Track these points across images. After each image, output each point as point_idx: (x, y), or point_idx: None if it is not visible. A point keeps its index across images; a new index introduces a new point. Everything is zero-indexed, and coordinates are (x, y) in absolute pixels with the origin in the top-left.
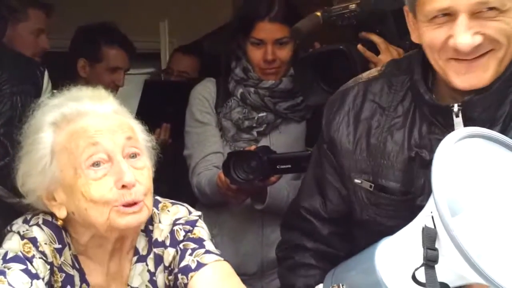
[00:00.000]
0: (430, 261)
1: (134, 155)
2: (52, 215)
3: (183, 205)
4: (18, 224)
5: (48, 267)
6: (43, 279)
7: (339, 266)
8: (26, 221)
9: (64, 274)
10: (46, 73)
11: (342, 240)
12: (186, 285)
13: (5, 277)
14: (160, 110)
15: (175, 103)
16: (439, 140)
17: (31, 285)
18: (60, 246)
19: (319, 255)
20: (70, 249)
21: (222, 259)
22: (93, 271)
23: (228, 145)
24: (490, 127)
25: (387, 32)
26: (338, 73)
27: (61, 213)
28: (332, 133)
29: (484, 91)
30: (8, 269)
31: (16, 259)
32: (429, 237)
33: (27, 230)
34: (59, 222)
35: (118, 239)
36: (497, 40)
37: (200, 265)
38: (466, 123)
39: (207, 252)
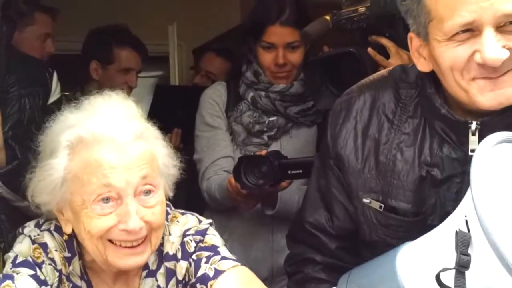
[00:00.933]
0: (461, 267)
1: (148, 192)
2: None
3: (193, 215)
4: (30, 228)
5: (57, 274)
6: (51, 286)
7: (355, 270)
8: (38, 225)
9: (71, 284)
10: (55, 75)
11: (352, 253)
12: None
13: (13, 282)
14: (171, 115)
15: (186, 108)
16: (450, 158)
17: None
18: (69, 255)
19: (328, 269)
20: (80, 259)
21: (240, 264)
22: (99, 285)
23: (238, 149)
24: None
25: (396, 36)
26: (347, 76)
27: (67, 229)
28: (339, 149)
29: (504, 112)
30: (17, 273)
31: (25, 263)
32: (463, 242)
33: (38, 235)
34: (64, 237)
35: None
36: None
37: (218, 273)
38: (467, 150)
39: (223, 258)
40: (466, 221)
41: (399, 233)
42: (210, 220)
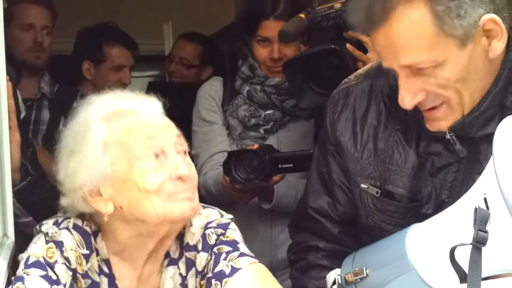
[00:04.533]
0: (478, 243)
1: (184, 152)
2: (83, 220)
3: (214, 209)
4: (47, 225)
5: (71, 273)
6: (64, 285)
7: (360, 251)
8: (56, 223)
9: (89, 281)
10: (18, 92)
11: (354, 239)
12: None
13: (23, 283)
14: (165, 112)
15: (179, 105)
16: (448, 150)
17: None
18: (87, 252)
19: (332, 255)
20: (98, 255)
21: (257, 261)
22: (124, 275)
23: (235, 143)
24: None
25: None
26: (327, 73)
27: (108, 208)
28: (338, 136)
29: (474, 111)
30: (27, 275)
31: (37, 264)
32: (482, 219)
33: (56, 232)
34: (106, 218)
35: (161, 239)
36: (442, 94)
37: (234, 270)
38: (463, 141)
39: (242, 255)
40: (485, 199)
41: (394, 219)
42: (231, 216)
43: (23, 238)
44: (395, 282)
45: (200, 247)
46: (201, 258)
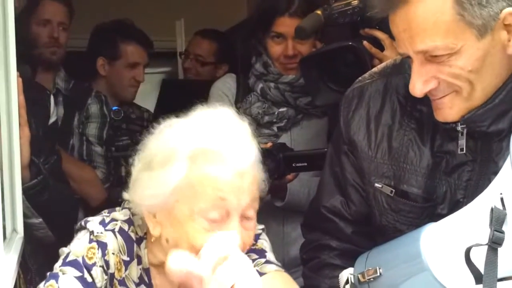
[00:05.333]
0: (494, 243)
1: (250, 216)
2: (129, 225)
3: None
4: (94, 223)
5: (106, 277)
6: None
7: (374, 250)
8: (103, 224)
9: None
10: (51, 97)
11: (368, 238)
12: None
13: (57, 282)
14: (178, 109)
15: (192, 102)
16: (461, 149)
17: None
18: (128, 258)
19: (345, 255)
20: (139, 263)
21: (283, 270)
22: (162, 286)
23: None
24: (504, 138)
25: (385, 28)
26: (344, 71)
27: (155, 231)
28: (352, 135)
29: (488, 104)
30: (63, 273)
31: (74, 263)
32: (498, 219)
33: (101, 233)
34: (152, 239)
35: None
36: (454, 84)
37: (259, 274)
38: (477, 139)
39: (267, 262)
40: (502, 199)
41: (408, 219)
42: (262, 226)
43: (34, 241)
44: (409, 282)
45: None
46: None
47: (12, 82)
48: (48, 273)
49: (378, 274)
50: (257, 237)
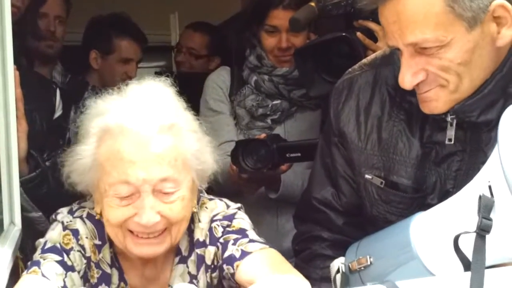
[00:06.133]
0: (482, 231)
1: (167, 193)
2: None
3: (221, 200)
4: (63, 214)
5: (85, 261)
6: (79, 272)
7: (364, 240)
8: (71, 212)
9: (100, 271)
10: (58, 91)
11: (359, 229)
12: (232, 275)
13: (39, 268)
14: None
15: (185, 95)
16: (450, 139)
17: (66, 276)
18: (100, 242)
19: (336, 245)
20: (111, 246)
21: (268, 246)
22: (130, 271)
23: (242, 133)
24: (493, 128)
25: (378, 20)
26: (338, 62)
27: (97, 209)
28: (342, 127)
29: (477, 94)
30: (44, 259)
31: (53, 249)
32: (486, 206)
33: (70, 221)
34: (97, 217)
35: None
36: (442, 77)
37: (245, 254)
38: (466, 129)
39: (251, 241)
40: (490, 187)
41: (399, 210)
42: (239, 205)
43: (35, 236)
44: (399, 270)
45: (208, 241)
46: (210, 252)
47: (9, 75)
48: (29, 263)
49: (369, 263)
50: (231, 217)
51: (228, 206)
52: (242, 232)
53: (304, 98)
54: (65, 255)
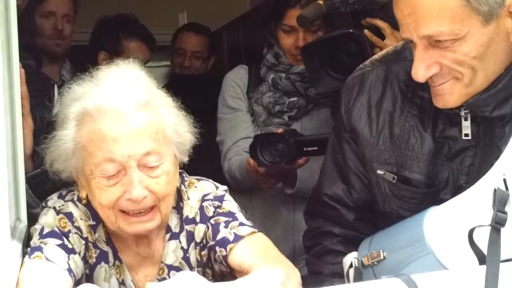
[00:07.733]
0: (498, 224)
1: (152, 167)
2: None
3: (208, 181)
4: (53, 200)
5: (83, 242)
6: (79, 253)
7: (377, 234)
8: (61, 197)
9: (98, 250)
10: (55, 87)
11: (370, 225)
12: (224, 257)
13: (42, 253)
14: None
15: (196, 95)
16: (466, 135)
17: (69, 259)
18: (94, 223)
19: (347, 241)
20: (104, 226)
21: (257, 230)
22: (124, 250)
23: (259, 129)
24: (507, 123)
25: (386, 18)
26: (345, 59)
27: (82, 194)
28: (354, 123)
29: (491, 89)
30: (45, 244)
31: (52, 234)
32: (501, 200)
33: (62, 205)
34: (83, 201)
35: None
36: (456, 70)
37: (238, 237)
38: (479, 123)
39: (241, 224)
40: (504, 180)
41: (411, 205)
42: (225, 187)
43: None
44: (413, 265)
45: (198, 219)
46: (199, 230)
47: (14, 73)
48: (28, 249)
49: (382, 257)
50: (221, 198)
51: (217, 187)
52: (231, 215)
53: (321, 95)
54: (64, 239)
